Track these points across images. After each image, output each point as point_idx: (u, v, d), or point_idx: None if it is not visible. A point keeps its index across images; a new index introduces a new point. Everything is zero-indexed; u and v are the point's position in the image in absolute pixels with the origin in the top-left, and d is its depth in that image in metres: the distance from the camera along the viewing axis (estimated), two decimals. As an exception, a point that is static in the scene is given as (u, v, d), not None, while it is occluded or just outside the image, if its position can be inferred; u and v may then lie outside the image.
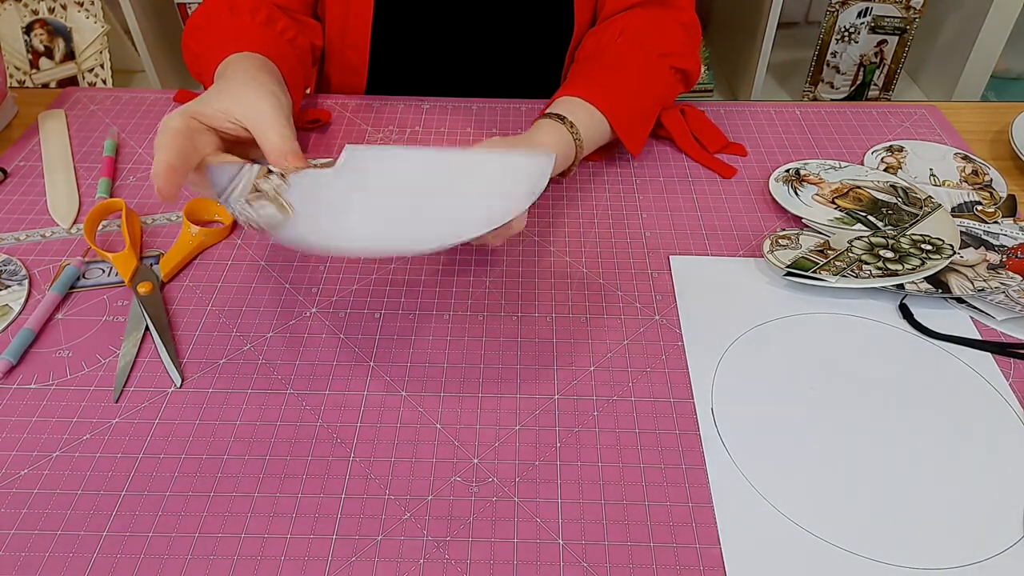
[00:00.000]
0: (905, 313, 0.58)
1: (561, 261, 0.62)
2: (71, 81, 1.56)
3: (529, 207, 0.51)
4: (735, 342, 0.56)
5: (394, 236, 0.48)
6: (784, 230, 0.64)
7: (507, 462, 0.48)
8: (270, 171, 0.49)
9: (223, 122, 0.52)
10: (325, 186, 0.49)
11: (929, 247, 0.61)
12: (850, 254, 0.61)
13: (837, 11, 1.54)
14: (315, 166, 0.50)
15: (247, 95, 0.53)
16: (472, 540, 0.44)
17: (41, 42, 1.54)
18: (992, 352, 0.55)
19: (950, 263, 0.60)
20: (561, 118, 0.64)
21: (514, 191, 0.50)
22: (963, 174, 0.71)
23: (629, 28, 0.73)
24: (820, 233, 0.64)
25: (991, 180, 0.70)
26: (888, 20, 1.54)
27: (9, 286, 0.59)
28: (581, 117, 0.65)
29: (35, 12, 1.53)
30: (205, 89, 0.77)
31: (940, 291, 0.58)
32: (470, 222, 0.47)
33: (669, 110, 0.76)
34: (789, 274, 0.59)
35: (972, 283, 0.58)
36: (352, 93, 0.84)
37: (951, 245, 0.61)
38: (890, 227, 0.64)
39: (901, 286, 0.58)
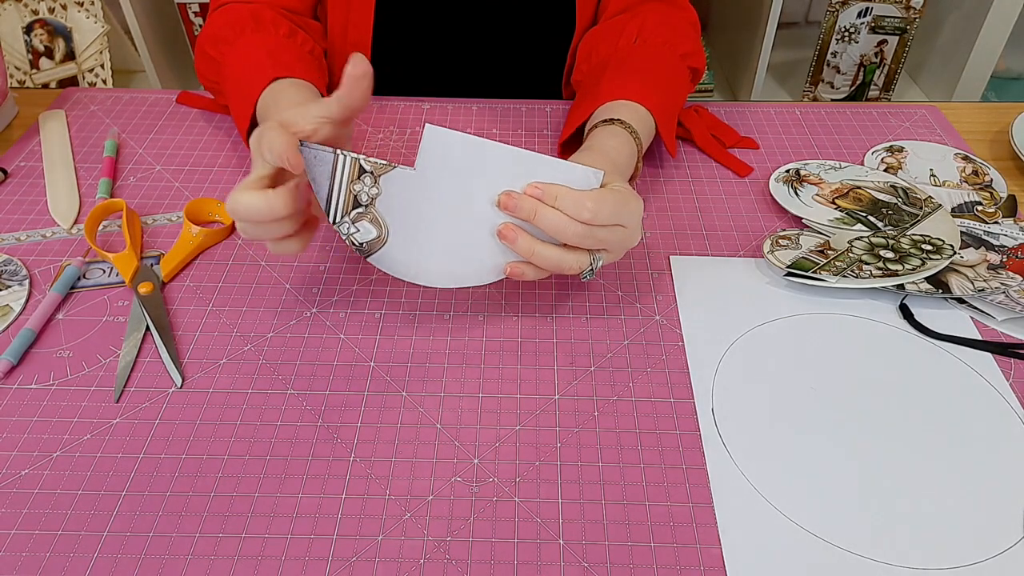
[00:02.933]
0: (905, 313, 0.58)
1: (561, 261, 0.62)
2: (71, 81, 1.56)
3: None
4: (735, 342, 0.56)
5: (468, 265, 0.52)
6: (784, 230, 0.64)
7: (507, 462, 0.48)
8: (362, 170, 0.49)
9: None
10: (412, 193, 0.50)
11: (929, 247, 0.61)
12: (850, 254, 0.61)
13: (837, 11, 1.54)
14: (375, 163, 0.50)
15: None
16: (472, 540, 0.44)
17: (41, 42, 1.54)
18: (992, 352, 0.55)
19: (950, 263, 0.60)
20: (622, 122, 0.62)
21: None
22: (963, 174, 0.71)
23: (645, 30, 0.73)
24: (820, 233, 0.64)
25: (991, 180, 0.70)
26: (888, 20, 1.54)
27: (9, 286, 0.59)
28: (633, 117, 0.63)
29: (35, 12, 1.53)
30: (213, 97, 0.78)
31: (940, 291, 0.58)
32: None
33: (685, 110, 0.76)
34: (789, 274, 0.59)
35: (972, 283, 0.58)
36: None
37: (951, 245, 0.61)
38: (890, 227, 0.64)
39: (901, 286, 0.58)
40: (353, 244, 0.51)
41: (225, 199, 0.67)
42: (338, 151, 0.49)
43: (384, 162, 0.49)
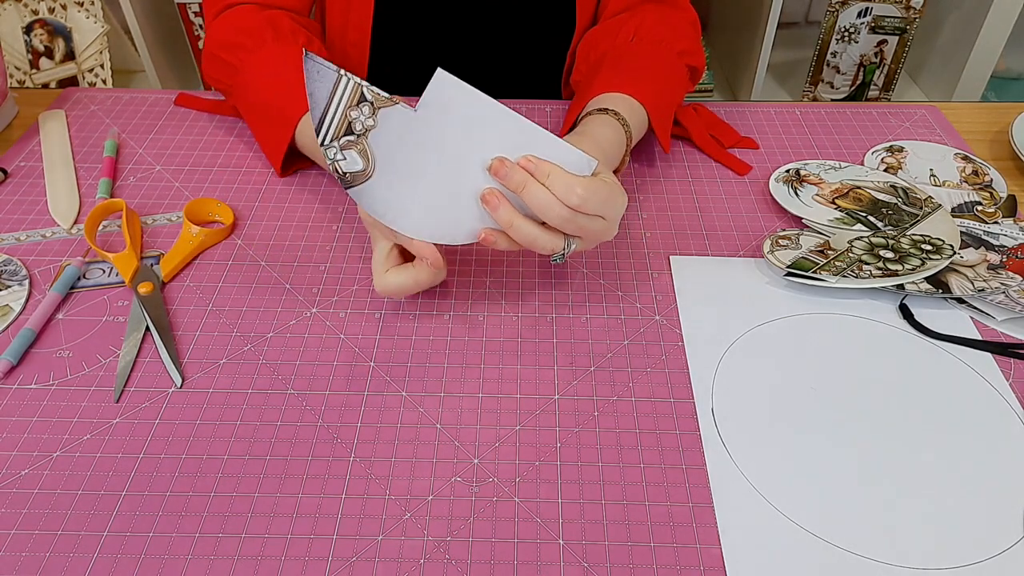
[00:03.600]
0: (905, 313, 0.58)
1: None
2: (71, 81, 1.56)
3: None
4: (735, 342, 0.56)
5: (444, 221, 0.52)
6: (784, 230, 0.64)
7: (507, 462, 0.48)
8: (363, 97, 0.48)
9: None
10: (407, 135, 0.49)
11: (929, 247, 0.61)
12: (850, 254, 0.61)
13: (837, 11, 1.54)
14: (376, 94, 0.48)
15: None
16: (472, 540, 0.44)
17: (41, 42, 1.54)
18: (992, 352, 0.55)
19: (950, 263, 0.60)
20: (614, 113, 0.62)
21: None
22: (963, 174, 0.71)
23: (643, 28, 0.73)
24: (820, 233, 0.64)
25: (991, 180, 0.70)
26: (888, 20, 1.54)
27: (9, 286, 0.59)
28: (626, 110, 0.63)
29: (35, 12, 1.53)
30: (224, 98, 0.77)
31: (940, 291, 0.58)
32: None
33: (683, 108, 0.76)
34: (789, 274, 0.59)
35: (972, 283, 0.58)
36: None
37: (951, 245, 0.61)
38: (890, 227, 0.64)
39: (901, 286, 0.58)
40: (336, 172, 0.50)
41: (224, 198, 0.67)
42: (343, 72, 0.47)
43: (387, 95, 0.48)
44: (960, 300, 0.59)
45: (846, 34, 1.57)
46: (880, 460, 0.48)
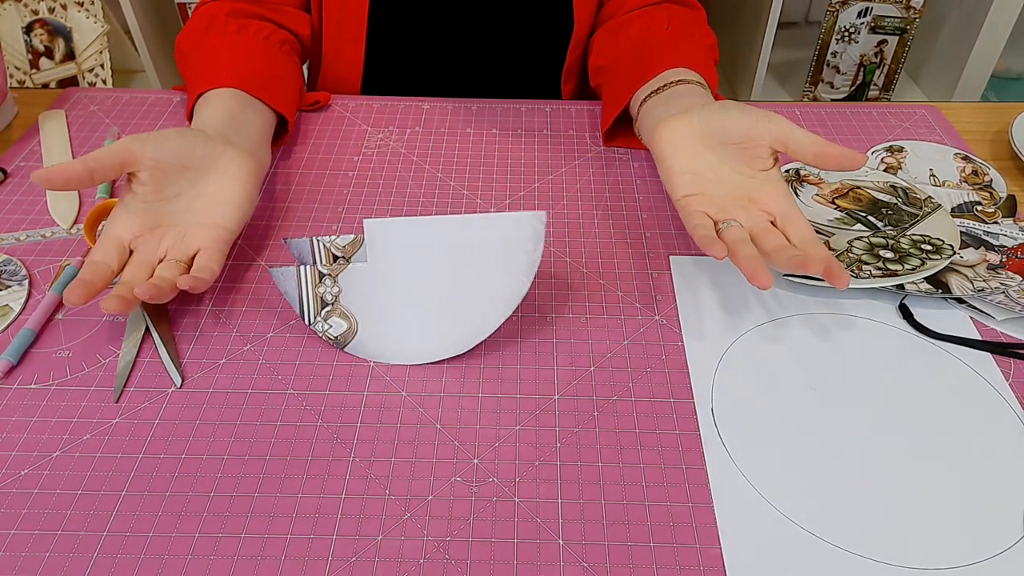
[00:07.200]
0: (905, 313, 0.58)
1: (561, 261, 0.62)
2: (71, 81, 1.56)
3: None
4: (735, 342, 0.56)
5: (432, 339, 0.54)
6: (784, 230, 0.64)
7: (507, 462, 0.48)
8: (321, 275, 0.54)
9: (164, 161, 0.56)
10: (367, 284, 0.55)
11: (929, 247, 0.61)
12: (850, 254, 0.61)
13: (837, 11, 1.54)
14: (343, 247, 0.55)
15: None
16: (472, 540, 0.44)
17: (41, 42, 1.54)
18: (992, 352, 0.55)
19: (950, 263, 0.60)
20: (696, 83, 0.65)
21: (515, 263, 0.54)
22: (963, 174, 0.71)
23: (675, 19, 0.76)
24: (820, 233, 0.64)
25: (991, 180, 0.70)
26: (888, 20, 1.54)
27: (9, 286, 0.59)
28: (700, 79, 0.67)
29: (35, 12, 1.53)
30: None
31: (940, 291, 0.58)
32: (487, 316, 0.54)
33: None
34: (789, 274, 0.59)
35: (972, 283, 0.58)
36: (348, 89, 0.84)
37: (951, 245, 0.61)
38: (890, 227, 0.64)
39: (901, 286, 0.58)
40: (330, 339, 0.54)
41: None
42: (299, 266, 0.54)
43: (341, 261, 0.54)
44: (960, 300, 0.59)
45: (846, 34, 1.57)
46: (880, 460, 0.48)
